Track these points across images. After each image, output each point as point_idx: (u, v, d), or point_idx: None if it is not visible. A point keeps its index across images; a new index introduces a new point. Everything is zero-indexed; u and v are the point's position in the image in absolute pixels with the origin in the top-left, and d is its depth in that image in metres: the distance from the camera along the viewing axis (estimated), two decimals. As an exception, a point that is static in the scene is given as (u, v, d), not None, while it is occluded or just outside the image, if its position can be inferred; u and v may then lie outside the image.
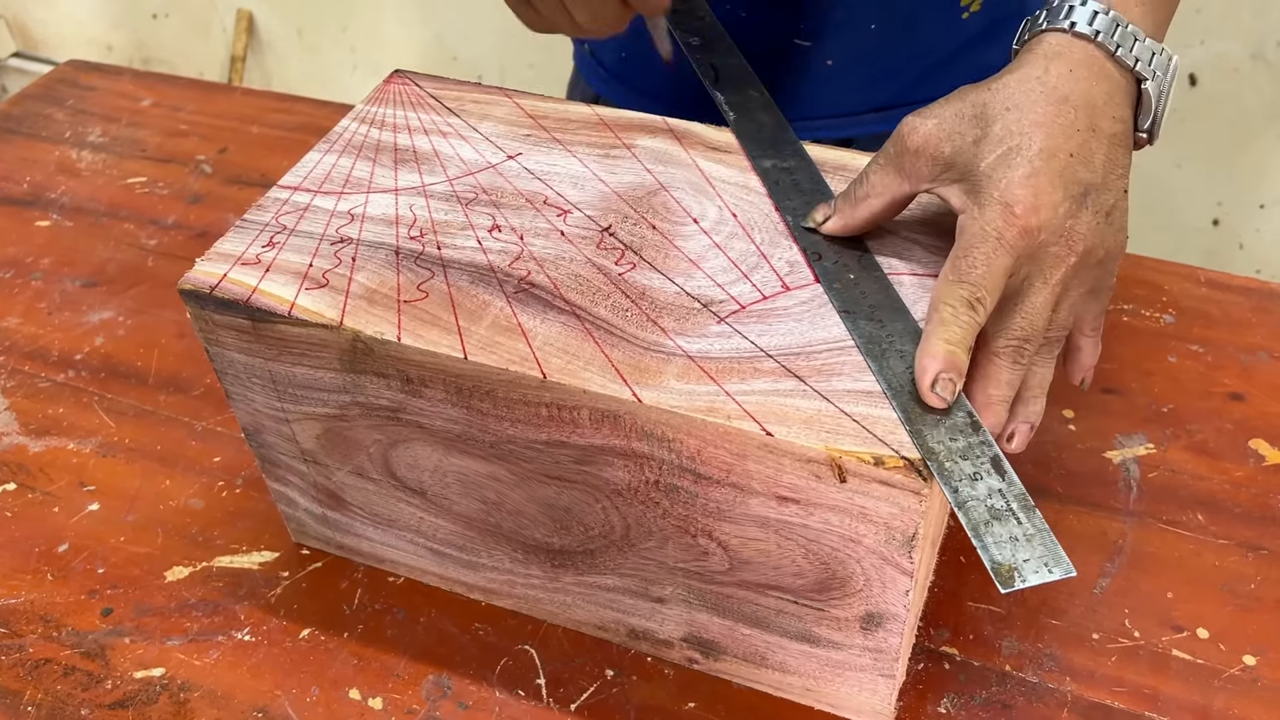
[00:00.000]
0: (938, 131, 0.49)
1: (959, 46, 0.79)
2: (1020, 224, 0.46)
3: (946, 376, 0.45)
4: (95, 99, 1.04)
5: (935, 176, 0.49)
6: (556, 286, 0.52)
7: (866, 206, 0.52)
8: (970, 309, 0.46)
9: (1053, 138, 0.48)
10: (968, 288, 0.46)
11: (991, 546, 0.43)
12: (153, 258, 0.85)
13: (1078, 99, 0.49)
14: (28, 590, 0.63)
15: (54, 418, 0.73)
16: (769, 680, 0.56)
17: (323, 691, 0.58)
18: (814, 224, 0.53)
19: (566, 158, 0.59)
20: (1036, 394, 0.50)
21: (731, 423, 0.45)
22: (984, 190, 0.47)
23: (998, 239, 0.46)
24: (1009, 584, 0.42)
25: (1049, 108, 0.48)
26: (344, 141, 0.62)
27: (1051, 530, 0.43)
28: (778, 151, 0.58)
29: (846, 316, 0.49)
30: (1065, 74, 0.49)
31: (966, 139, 0.48)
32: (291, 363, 0.54)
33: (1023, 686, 0.56)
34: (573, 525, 0.54)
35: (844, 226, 0.53)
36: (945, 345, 0.46)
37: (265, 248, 0.55)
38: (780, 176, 0.57)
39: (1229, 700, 0.55)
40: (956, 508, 0.43)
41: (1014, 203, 0.46)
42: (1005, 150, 0.47)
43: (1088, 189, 0.48)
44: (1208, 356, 0.72)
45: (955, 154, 0.49)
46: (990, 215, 0.47)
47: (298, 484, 0.61)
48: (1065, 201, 0.47)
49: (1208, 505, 0.63)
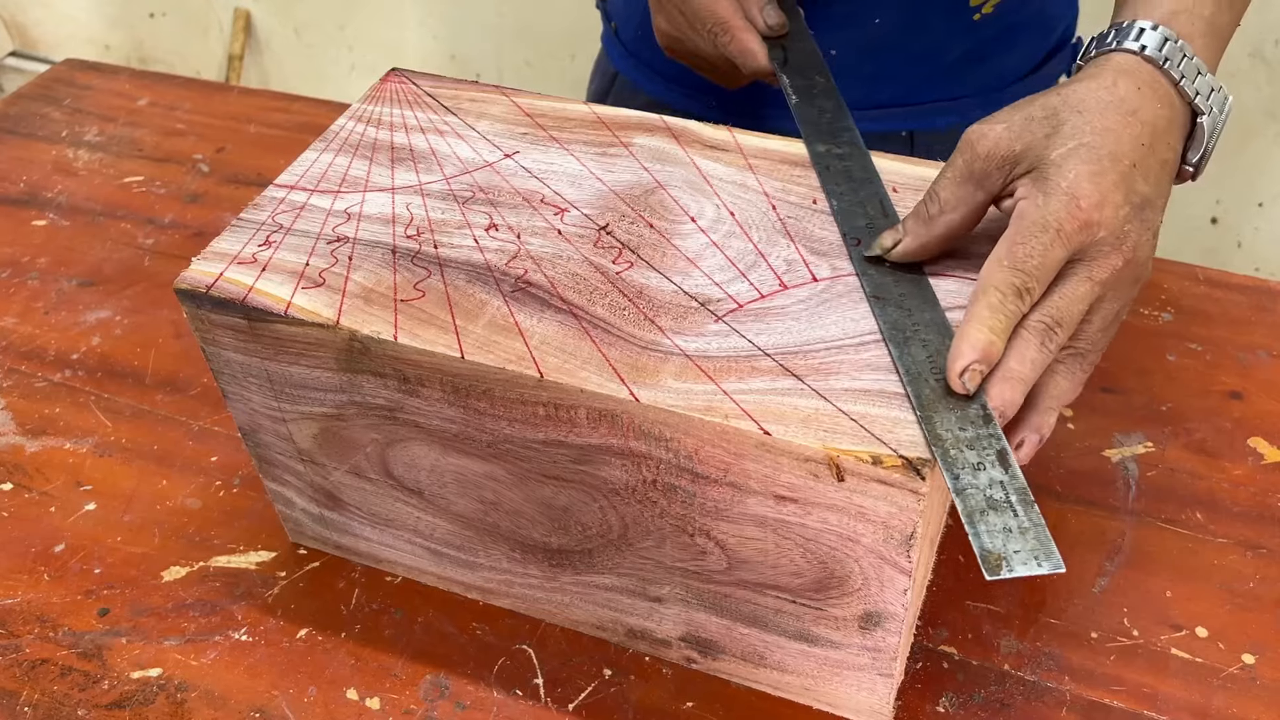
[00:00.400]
0: (1007, 134, 0.49)
1: (969, 50, 0.78)
2: (1083, 218, 0.46)
3: (978, 368, 0.45)
4: (92, 98, 1.04)
5: (1007, 176, 0.49)
6: (554, 285, 0.52)
7: (943, 222, 0.50)
8: (1018, 297, 0.46)
9: (1120, 144, 0.48)
10: (1020, 276, 0.46)
11: (984, 534, 0.42)
12: (149, 257, 0.85)
13: (1145, 115, 0.49)
14: (24, 590, 0.63)
15: (50, 417, 0.73)
16: (767, 679, 0.56)
17: (320, 692, 0.58)
18: (881, 251, 0.51)
19: (564, 156, 0.59)
20: (1051, 405, 0.48)
21: (729, 422, 0.45)
22: (1051, 179, 0.47)
23: (1058, 230, 0.46)
24: (995, 572, 0.42)
25: (1118, 117, 0.48)
26: (341, 140, 0.61)
27: (1052, 531, 0.43)
28: (834, 138, 0.58)
29: (875, 302, 0.49)
30: (1134, 90, 0.49)
31: (1037, 135, 0.48)
32: (288, 362, 0.54)
33: (1021, 685, 0.56)
34: (570, 525, 0.53)
35: (922, 247, 0.50)
36: (988, 334, 0.45)
37: (261, 247, 0.55)
38: (832, 162, 0.57)
39: (1228, 699, 0.55)
40: (955, 494, 0.43)
41: (1080, 196, 0.46)
42: (1076, 145, 0.47)
43: (1145, 201, 0.48)
44: (1206, 355, 0.72)
45: (1026, 150, 0.48)
46: (1054, 205, 0.46)
47: (295, 484, 0.61)
48: (1126, 206, 0.47)
49: (1207, 504, 0.63)
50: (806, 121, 0.60)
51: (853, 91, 0.78)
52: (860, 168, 0.56)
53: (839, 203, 0.54)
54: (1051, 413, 0.49)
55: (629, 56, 0.87)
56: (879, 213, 0.54)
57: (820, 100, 0.61)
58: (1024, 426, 0.48)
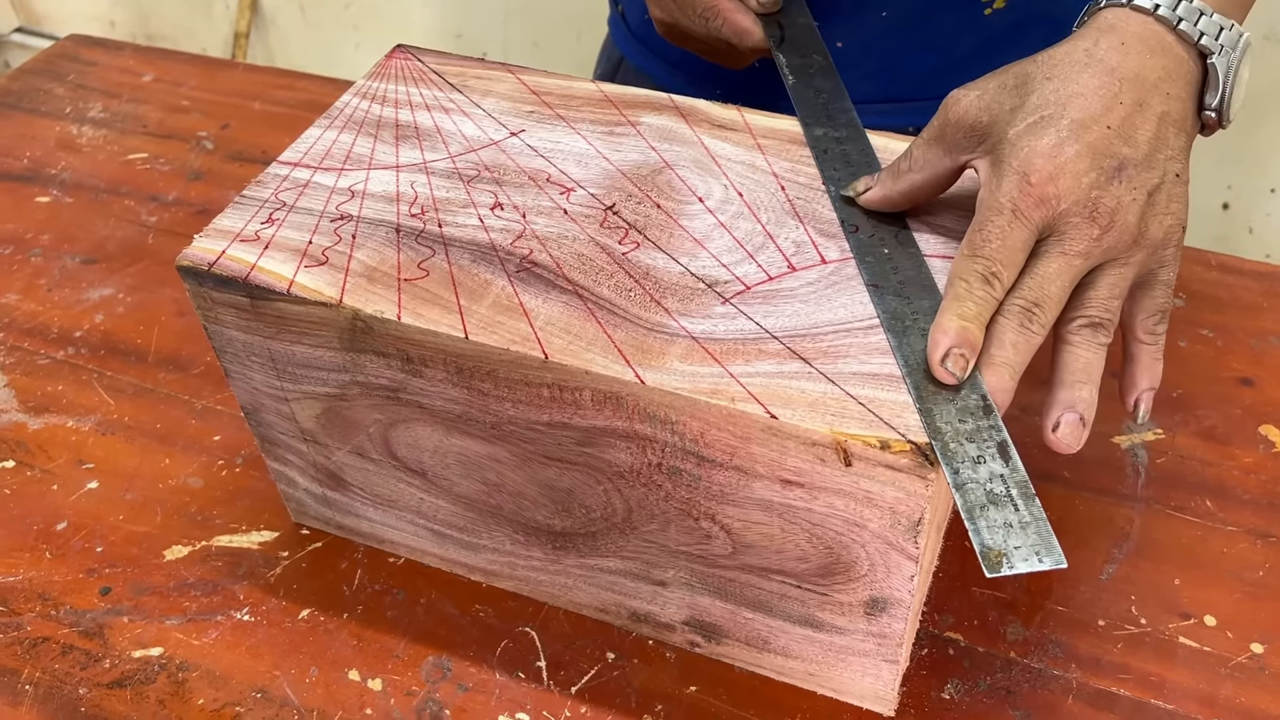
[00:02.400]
0: (978, 102, 0.48)
1: (979, 45, 0.77)
2: (1036, 194, 0.45)
3: (958, 352, 0.44)
4: (96, 74, 1.03)
5: (972, 149, 0.48)
6: (559, 266, 0.51)
7: (908, 180, 0.51)
8: (985, 283, 0.45)
9: (1089, 109, 0.46)
10: (982, 262, 0.45)
11: (984, 530, 0.42)
12: (153, 234, 0.85)
13: (1126, 72, 0.47)
14: (26, 568, 0.63)
15: (53, 395, 0.73)
16: (771, 665, 0.56)
17: (322, 672, 0.57)
18: (854, 194, 0.52)
19: (570, 135, 0.59)
20: (1081, 379, 0.47)
21: (735, 405, 0.45)
22: (1005, 160, 0.46)
23: (1013, 211, 0.45)
24: (995, 569, 0.41)
25: (1092, 79, 0.47)
26: (345, 117, 0.61)
27: (1060, 517, 0.43)
28: (831, 120, 0.57)
29: (874, 290, 0.49)
30: (1116, 46, 0.48)
31: (1004, 108, 0.47)
32: (290, 341, 0.53)
33: (1027, 673, 0.55)
34: (574, 507, 0.53)
35: (884, 198, 0.51)
36: (958, 320, 0.44)
37: (264, 224, 0.54)
38: (830, 146, 0.56)
39: (1236, 688, 0.54)
40: (954, 489, 0.42)
41: (1031, 172, 0.45)
42: (1036, 119, 0.46)
43: (1124, 163, 0.46)
44: (1218, 341, 0.71)
45: (991, 123, 0.47)
46: (1007, 186, 0.46)
47: (297, 464, 0.60)
48: (1092, 172, 0.45)
49: (1216, 491, 0.63)
50: (803, 103, 0.59)
51: (859, 86, 0.77)
52: (859, 151, 0.55)
53: (836, 188, 0.54)
54: (1082, 386, 0.47)
55: (635, 40, 0.86)
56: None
57: (818, 80, 0.60)
58: (1055, 405, 0.47)
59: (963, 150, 0.49)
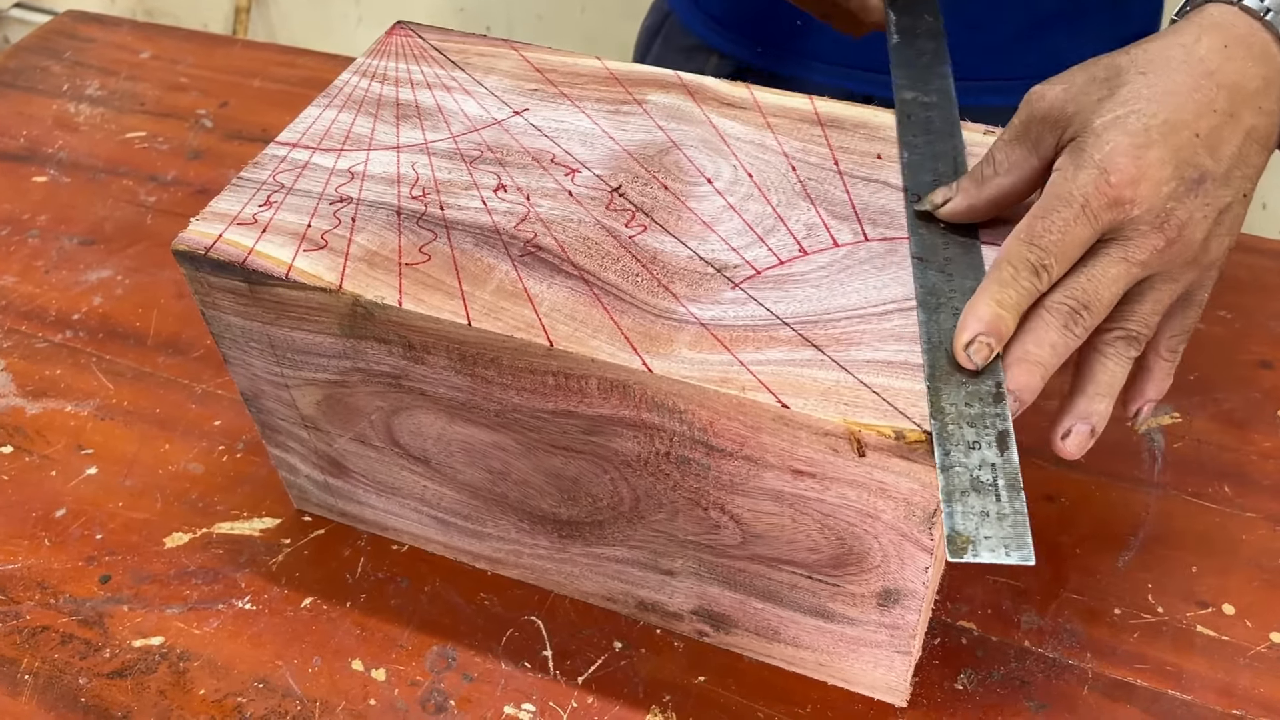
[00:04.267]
0: (1064, 94, 0.45)
1: (1027, 26, 0.73)
2: (1113, 194, 0.42)
3: (985, 340, 0.42)
4: (93, 51, 1.01)
5: (1058, 141, 0.45)
6: (564, 250, 0.50)
7: (995, 185, 0.47)
8: (1034, 274, 0.43)
9: (1182, 111, 0.43)
10: (1036, 252, 0.43)
11: (958, 514, 0.40)
12: (152, 215, 0.83)
13: (1225, 77, 0.44)
14: (24, 556, 0.62)
15: (51, 379, 0.72)
16: (781, 655, 0.55)
17: (325, 662, 0.56)
18: (931, 207, 0.48)
19: (575, 114, 0.57)
20: (1103, 393, 0.45)
21: (746, 394, 0.43)
22: (1087, 150, 0.43)
23: (1083, 206, 0.43)
24: (960, 554, 0.40)
25: (1188, 79, 0.44)
26: (344, 96, 0.59)
27: (1075, 503, 0.41)
28: (925, 84, 0.55)
29: (918, 264, 0.47)
30: (1218, 48, 0.45)
31: (1091, 98, 0.44)
32: (290, 327, 0.52)
33: (1042, 663, 0.55)
34: (580, 496, 0.52)
35: (969, 208, 0.48)
36: (995, 308, 0.42)
37: (262, 207, 0.53)
38: (915, 110, 0.54)
39: (1254, 679, 0.53)
40: (939, 471, 0.41)
41: (1112, 170, 0.42)
42: (1125, 113, 0.43)
43: (1204, 176, 0.44)
44: (1236, 323, 0.70)
45: (1077, 112, 0.45)
46: (1083, 179, 0.43)
47: (298, 450, 0.59)
48: (1172, 181, 0.43)
49: (1235, 477, 0.61)
50: (901, 64, 0.56)
51: None
52: (943, 119, 0.53)
53: (910, 155, 0.52)
54: (1102, 399, 0.45)
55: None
56: (950, 170, 0.51)
57: (922, 41, 0.57)
58: (1070, 414, 0.46)
59: (1049, 145, 0.46)
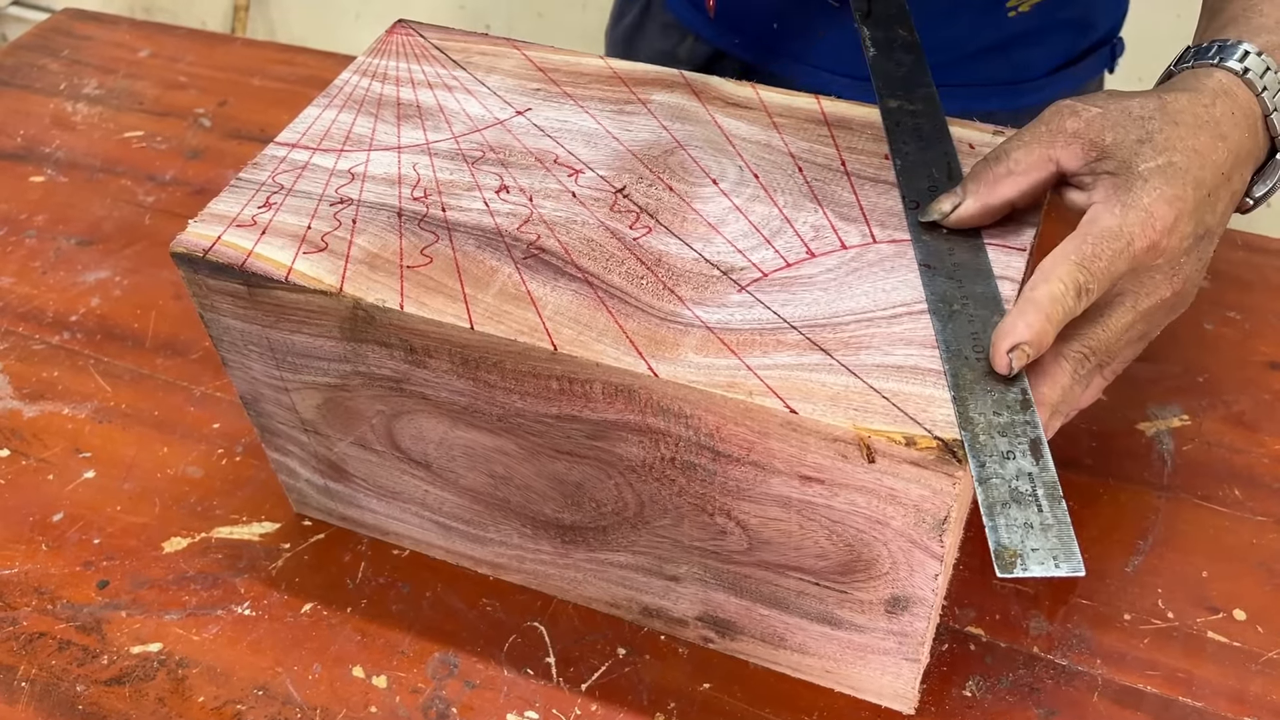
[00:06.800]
0: (1102, 120, 0.46)
1: (997, 43, 0.75)
2: (1153, 239, 0.45)
3: (1027, 349, 0.42)
4: (91, 49, 1.01)
5: (1088, 162, 0.47)
6: (568, 252, 0.49)
7: (1011, 184, 0.47)
8: (1078, 298, 0.44)
9: (1205, 170, 0.46)
10: (1086, 275, 0.44)
11: (1002, 528, 0.40)
12: (150, 215, 0.83)
13: (1233, 144, 0.47)
14: (22, 561, 0.61)
15: (48, 381, 0.71)
16: (788, 661, 0.54)
17: (325, 669, 0.56)
18: (939, 216, 0.48)
19: (578, 113, 0.56)
20: (1064, 411, 0.47)
21: (753, 399, 0.43)
22: (1135, 191, 0.45)
23: (1129, 243, 0.44)
24: (1008, 569, 0.39)
25: (1209, 140, 0.46)
26: (344, 95, 0.59)
27: (1083, 507, 0.41)
28: (908, 93, 0.55)
29: (925, 270, 0.47)
30: (1228, 114, 0.47)
31: (1130, 135, 0.46)
32: (290, 330, 0.51)
33: (1051, 669, 0.54)
34: (584, 501, 0.51)
35: (983, 208, 0.48)
36: (1044, 323, 0.43)
37: (261, 209, 0.52)
38: (903, 118, 0.54)
39: (1266, 685, 0.53)
40: (977, 483, 0.40)
41: (1156, 217, 0.45)
42: (1165, 163, 0.45)
43: (1208, 232, 0.47)
44: (1245, 323, 0.69)
45: (1115, 145, 0.46)
46: (1132, 219, 0.45)
47: (298, 454, 0.58)
48: (1190, 237, 0.46)
49: (1245, 480, 0.61)
50: (881, 75, 0.56)
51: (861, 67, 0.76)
52: (932, 126, 0.53)
53: (903, 162, 0.51)
54: (1057, 418, 0.46)
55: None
56: (944, 175, 0.51)
57: (899, 54, 0.58)
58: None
59: (1074, 162, 0.47)
